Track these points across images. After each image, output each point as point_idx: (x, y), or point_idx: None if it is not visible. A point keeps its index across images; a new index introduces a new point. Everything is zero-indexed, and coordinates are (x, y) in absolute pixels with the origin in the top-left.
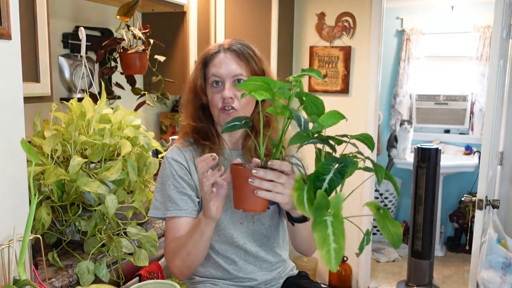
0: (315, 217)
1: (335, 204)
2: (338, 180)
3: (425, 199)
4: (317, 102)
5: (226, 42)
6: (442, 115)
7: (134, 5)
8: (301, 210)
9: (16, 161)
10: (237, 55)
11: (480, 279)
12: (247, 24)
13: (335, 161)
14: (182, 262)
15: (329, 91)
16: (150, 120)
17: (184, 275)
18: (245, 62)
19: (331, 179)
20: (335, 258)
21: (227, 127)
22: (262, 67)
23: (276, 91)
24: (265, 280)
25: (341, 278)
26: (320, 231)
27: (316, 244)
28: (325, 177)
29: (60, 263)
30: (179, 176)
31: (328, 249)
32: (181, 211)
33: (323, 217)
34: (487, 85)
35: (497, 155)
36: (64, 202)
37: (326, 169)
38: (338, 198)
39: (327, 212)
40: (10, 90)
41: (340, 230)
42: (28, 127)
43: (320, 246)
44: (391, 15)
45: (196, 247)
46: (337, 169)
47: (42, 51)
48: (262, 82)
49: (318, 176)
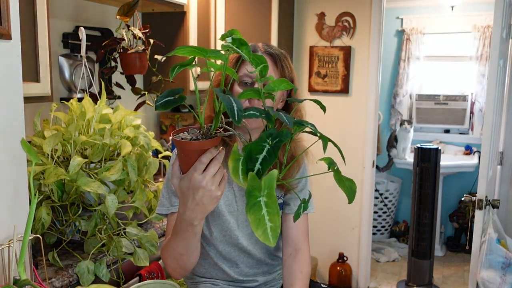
0: (248, 200)
1: (268, 184)
2: (272, 159)
3: (425, 199)
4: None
5: (262, 45)
6: (442, 115)
7: (134, 5)
8: (236, 181)
9: (16, 161)
10: (273, 60)
11: (480, 279)
12: (247, 24)
13: (269, 136)
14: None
15: (329, 91)
16: (150, 120)
17: (180, 274)
18: (280, 68)
19: (264, 159)
20: (272, 235)
21: (159, 104)
22: (292, 78)
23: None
24: (265, 281)
25: (341, 278)
26: (254, 213)
27: (251, 225)
28: (258, 156)
29: (60, 263)
30: None
31: (264, 228)
32: None
33: (257, 198)
34: (487, 85)
35: (497, 155)
36: (64, 202)
37: (260, 148)
38: (271, 177)
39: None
40: (10, 90)
41: (274, 208)
42: (28, 127)
43: (255, 227)
44: (391, 15)
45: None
46: (271, 146)
47: (42, 51)
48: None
49: (251, 156)
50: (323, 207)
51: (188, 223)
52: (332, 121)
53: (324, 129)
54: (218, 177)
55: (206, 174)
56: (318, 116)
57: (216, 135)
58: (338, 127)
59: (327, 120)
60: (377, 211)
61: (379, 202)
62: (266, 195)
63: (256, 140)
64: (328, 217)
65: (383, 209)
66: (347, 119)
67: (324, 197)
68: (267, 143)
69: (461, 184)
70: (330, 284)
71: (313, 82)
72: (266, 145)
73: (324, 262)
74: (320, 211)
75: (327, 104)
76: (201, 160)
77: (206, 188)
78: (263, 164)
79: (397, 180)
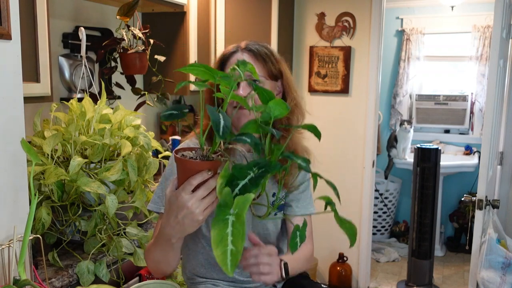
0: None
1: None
2: (252, 187)
3: (425, 199)
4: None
5: (243, 43)
6: (442, 115)
7: (134, 5)
8: (218, 195)
9: (16, 161)
10: (254, 55)
11: (480, 279)
12: (247, 24)
13: (256, 165)
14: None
15: (329, 91)
16: (150, 120)
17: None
18: (262, 62)
19: (244, 186)
20: (231, 260)
21: (164, 116)
22: (280, 68)
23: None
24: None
25: (341, 278)
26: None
27: (212, 241)
28: (239, 182)
29: (60, 263)
30: None
31: (225, 250)
32: None
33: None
34: (487, 85)
35: (497, 155)
36: (64, 202)
37: (243, 174)
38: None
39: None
40: (10, 90)
41: (240, 231)
42: (28, 127)
43: (216, 245)
44: (391, 15)
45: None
46: (255, 175)
47: (42, 51)
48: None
49: (232, 180)
50: (323, 207)
51: (167, 238)
52: (332, 121)
53: (324, 129)
54: (206, 202)
55: (193, 196)
56: (318, 116)
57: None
58: (338, 127)
59: (327, 120)
60: (377, 211)
61: (379, 202)
62: (235, 215)
63: (242, 165)
64: (328, 217)
65: (383, 209)
66: (347, 119)
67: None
68: (252, 171)
69: (461, 184)
70: (330, 284)
71: (313, 82)
72: (250, 173)
73: (324, 262)
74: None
75: (327, 104)
76: (189, 181)
77: (189, 209)
78: (242, 190)
79: (397, 180)
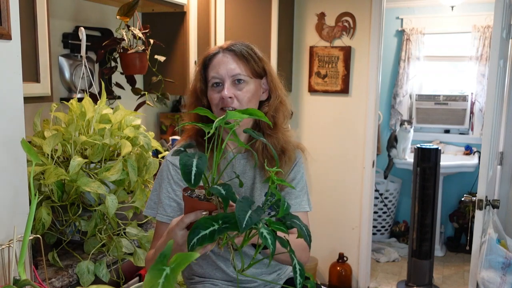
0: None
1: (179, 261)
2: (211, 239)
3: (425, 199)
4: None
5: (225, 44)
6: (442, 115)
7: (134, 5)
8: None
9: (16, 161)
10: (235, 54)
11: (480, 279)
12: (247, 24)
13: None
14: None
15: (329, 91)
16: (150, 120)
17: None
18: (244, 61)
19: (203, 236)
20: None
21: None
22: (263, 67)
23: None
24: (265, 282)
25: (341, 278)
26: (154, 275)
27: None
28: (200, 231)
29: (60, 263)
30: (174, 181)
31: None
32: (167, 217)
33: (163, 265)
34: (487, 85)
35: (497, 155)
36: (64, 202)
37: (206, 225)
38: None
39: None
40: (10, 90)
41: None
42: (28, 127)
43: None
44: (391, 15)
45: None
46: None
47: (42, 51)
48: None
49: (195, 229)
50: (323, 207)
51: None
52: (332, 121)
53: (324, 129)
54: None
55: (185, 234)
56: (318, 116)
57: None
58: (338, 127)
59: (327, 120)
60: (377, 211)
61: (379, 202)
62: (171, 270)
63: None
64: (328, 217)
65: (383, 209)
66: (347, 119)
67: (324, 197)
68: (217, 224)
69: (461, 184)
70: (330, 284)
71: (313, 82)
72: (214, 225)
73: (324, 262)
74: (320, 211)
75: (327, 104)
76: (183, 219)
77: (178, 243)
78: (200, 241)
79: (397, 180)
